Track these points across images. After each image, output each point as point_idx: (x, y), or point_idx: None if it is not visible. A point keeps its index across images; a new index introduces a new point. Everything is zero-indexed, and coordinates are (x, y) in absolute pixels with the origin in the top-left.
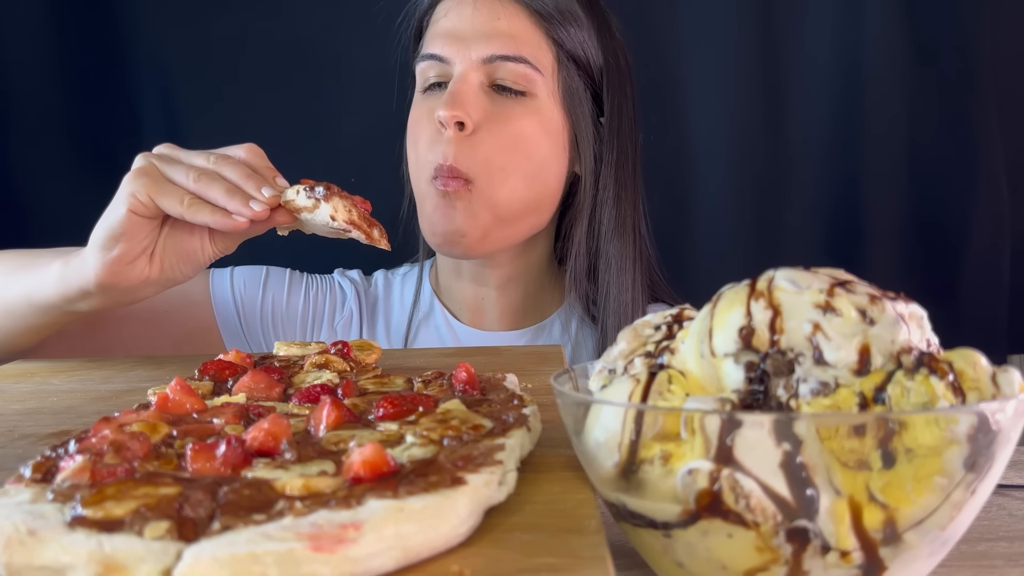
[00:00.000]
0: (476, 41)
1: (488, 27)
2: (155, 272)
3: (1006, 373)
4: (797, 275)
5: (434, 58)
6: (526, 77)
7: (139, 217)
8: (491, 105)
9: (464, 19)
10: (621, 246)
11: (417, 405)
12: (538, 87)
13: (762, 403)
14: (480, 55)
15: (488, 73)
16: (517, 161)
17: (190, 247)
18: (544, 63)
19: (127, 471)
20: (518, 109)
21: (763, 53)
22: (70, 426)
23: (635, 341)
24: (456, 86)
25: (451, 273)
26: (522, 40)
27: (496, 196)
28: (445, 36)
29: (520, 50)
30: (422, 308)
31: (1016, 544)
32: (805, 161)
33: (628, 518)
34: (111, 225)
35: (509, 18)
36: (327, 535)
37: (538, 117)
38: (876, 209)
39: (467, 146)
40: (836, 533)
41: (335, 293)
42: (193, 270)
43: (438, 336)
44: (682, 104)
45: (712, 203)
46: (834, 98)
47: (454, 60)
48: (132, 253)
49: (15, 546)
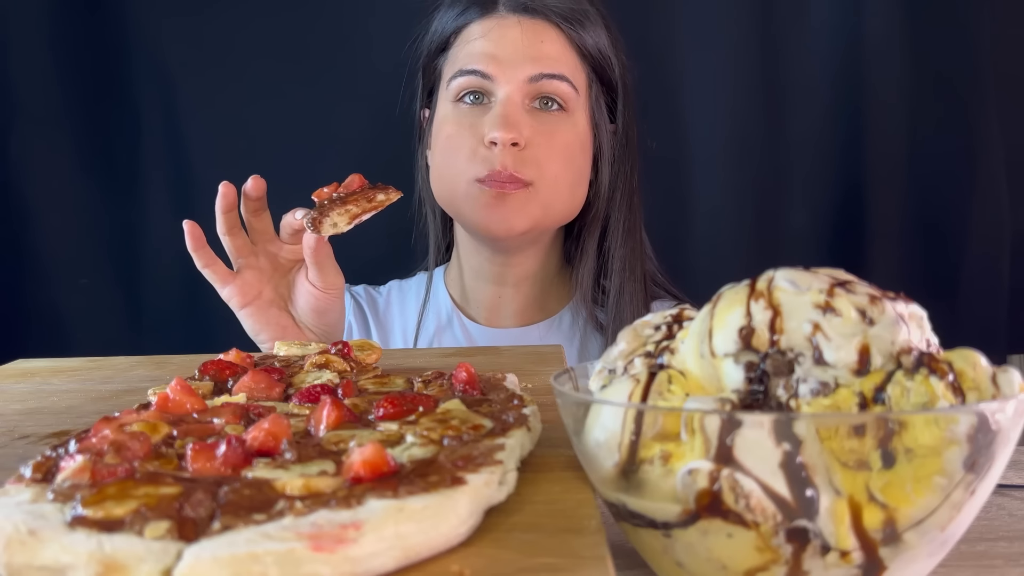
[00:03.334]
0: (523, 62)
1: (534, 49)
2: (310, 335)
3: (1006, 373)
4: (797, 275)
5: (477, 74)
6: (565, 94)
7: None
8: (535, 121)
9: (509, 41)
10: (629, 250)
11: (417, 405)
12: (574, 103)
13: (762, 403)
14: (527, 75)
15: (531, 92)
16: (564, 170)
17: (306, 302)
18: (579, 81)
19: (127, 471)
20: (560, 124)
21: (763, 53)
22: (70, 426)
23: (635, 341)
24: (506, 108)
25: (472, 276)
26: (562, 60)
27: (549, 198)
28: (488, 56)
29: (562, 69)
30: (442, 316)
31: (1016, 544)
32: (805, 161)
33: (628, 518)
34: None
35: (551, 41)
36: (327, 535)
37: (574, 131)
38: (876, 209)
39: (521, 157)
40: (836, 533)
41: None
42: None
43: (452, 334)
44: (682, 104)
45: (712, 203)
46: (834, 98)
47: (499, 79)
48: (276, 332)
49: (15, 546)
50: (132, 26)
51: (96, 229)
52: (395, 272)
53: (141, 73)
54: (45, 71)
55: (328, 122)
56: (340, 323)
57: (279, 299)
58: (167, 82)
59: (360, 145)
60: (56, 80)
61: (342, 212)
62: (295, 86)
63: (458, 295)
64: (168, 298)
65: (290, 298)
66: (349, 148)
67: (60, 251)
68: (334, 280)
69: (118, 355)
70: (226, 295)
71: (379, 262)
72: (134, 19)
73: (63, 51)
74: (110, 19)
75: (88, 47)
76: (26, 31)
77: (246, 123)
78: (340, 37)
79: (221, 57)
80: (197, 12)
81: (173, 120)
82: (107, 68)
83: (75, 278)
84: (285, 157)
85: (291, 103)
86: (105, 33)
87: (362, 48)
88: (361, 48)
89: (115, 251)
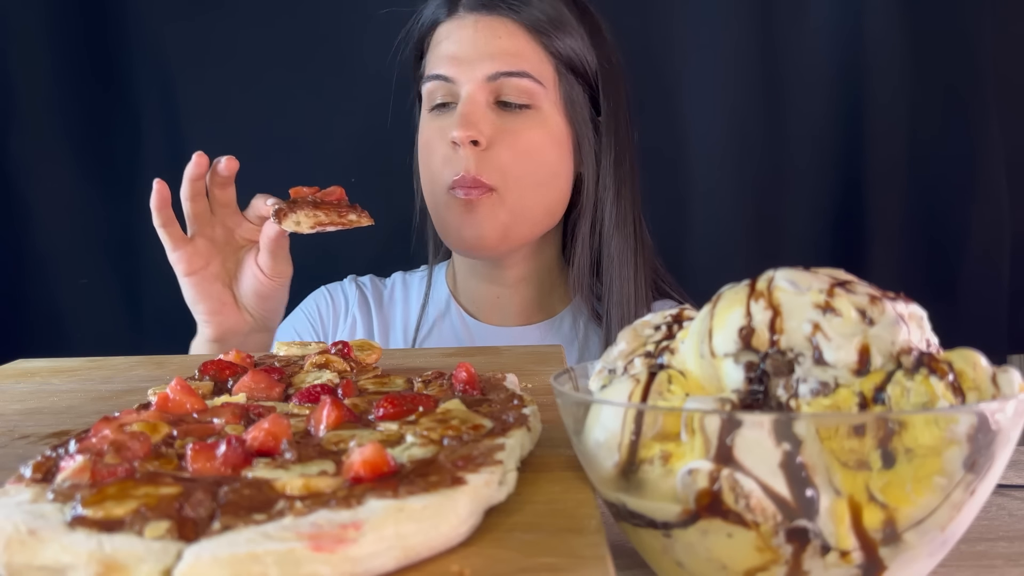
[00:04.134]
0: (480, 61)
1: (490, 46)
2: (247, 317)
3: (1006, 373)
4: (797, 275)
5: (440, 79)
6: (529, 91)
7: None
8: (500, 120)
9: (466, 40)
10: (622, 241)
11: (417, 405)
12: (541, 99)
13: (762, 403)
14: (484, 73)
15: (493, 90)
16: (531, 170)
17: (251, 285)
18: (545, 75)
19: (127, 471)
20: (525, 122)
21: (763, 52)
22: (70, 426)
23: (635, 341)
24: (465, 107)
25: (467, 274)
26: (523, 56)
27: (516, 202)
28: (449, 57)
29: (522, 65)
30: (438, 307)
31: (1016, 544)
32: (805, 161)
33: (628, 518)
34: (184, 293)
35: (509, 36)
36: (327, 535)
37: (544, 128)
38: (876, 209)
39: (484, 159)
40: (836, 533)
41: (337, 303)
42: (273, 304)
43: (454, 333)
44: (682, 104)
45: (712, 203)
46: (834, 98)
47: (460, 80)
48: (215, 306)
49: (15, 546)
50: (132, 26)
51: (96, 229)
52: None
53: (141, 73)
54: (45, 71)
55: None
56: (280, 311)
57: (224, 274)
58: (167, 82)
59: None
60: (56, 80)
61: (309, 214)
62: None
63: (458, 292)
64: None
65: (236, 276)
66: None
67: (60, 251)
68: (283, 269)
69: (118, 355)
70: (174, 259)
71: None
72: (134, 19)
73: (63, 51)
74: (110, 19)
75: (88, 47)
76: (26, 31)
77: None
78: (340, 39)
79: (221, 58)
80: (197, 13)
81: (173, 120)
82: (107, 68)
83: (75, 278)
84: (284, 157)
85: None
86: (105, 33)
87: (362, 50)
88: (361, 50)
89: (115, 251)
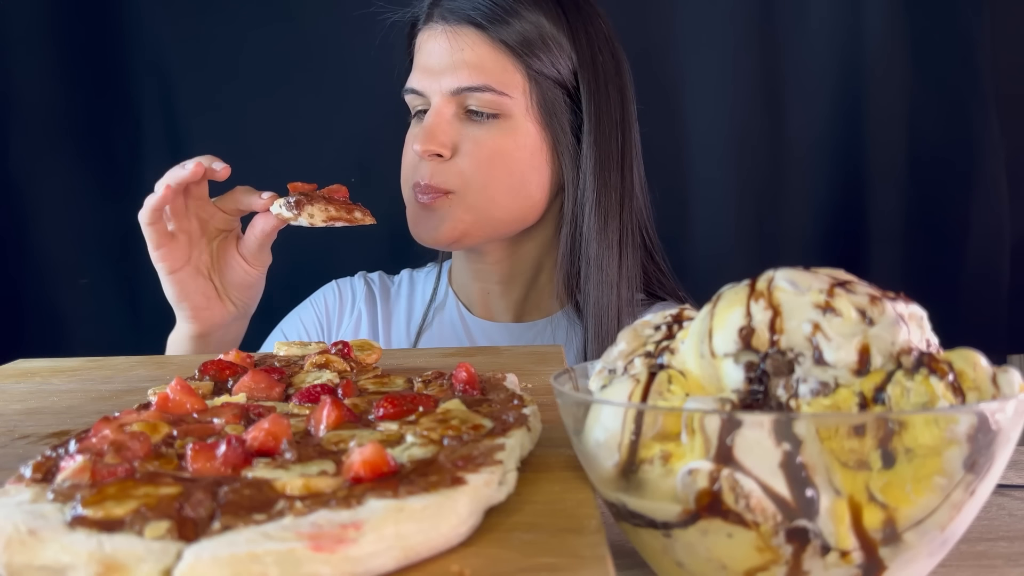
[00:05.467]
0: (445, 74)
1: (454, 59)
2: (231, 307)
3: (1006, 373)
4: (797, 275)
5: (412, 92)
6: (494, 103)
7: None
8: (465, 129)
9: (435, 53)
10: (602, 250)
11: (417, 405)
12: (511, 108)
13: (762, 403)
14: (448, 87)
15: (460, 102)
16: (497, 177)
17: (237, 276)
18: (513, 85)
19: (127, 471)
20: (492, 131)
21: (762, 53)
22: (70, 426)
23: (635, 341)
24: (430, 120)
25: (462, 271)
26: (486, 69)
27: (477, 204)
28: (422, 70)
29: (486, 79)
30: (438, 300)
31: (1016, 544)
32: (805, 161)
33: (628, 518)
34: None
35: (472, 48)
36: (327, 535)
37: (513, 136)
38: (876, 209)
39: (446, 169)
40: (836, 533)
41: (344, 298)
42: (255, 292)
43: (451, 326)
44: (681, 104)
45: (712, 203)
46: (834, 98)
47: (428, 93)
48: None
49: (15, 546)
50: (132, 26)
51: (96, 229)
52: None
53: (141, 73)
54: (45, 71)
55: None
56: (258, 297)
57: (203, 267)
58: (167, 82)
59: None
60: (56, 80)
61: (323, 208)
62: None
63: (456, 287)
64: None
65: (216, 268)
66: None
67: (60, 251)
68: (267, 258)
69: (118, 355)
70: (159, 256)
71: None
72: (134, 20)
73: (63, 51)
74: (110, 19)
75: (88, 47)
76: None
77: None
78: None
79: (221, 57)
80: (197, 13)
81: (173, 120)
82: (107, 68)
83: (75, 278)
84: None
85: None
86: (105, 33)
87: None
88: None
89: (115, 251)
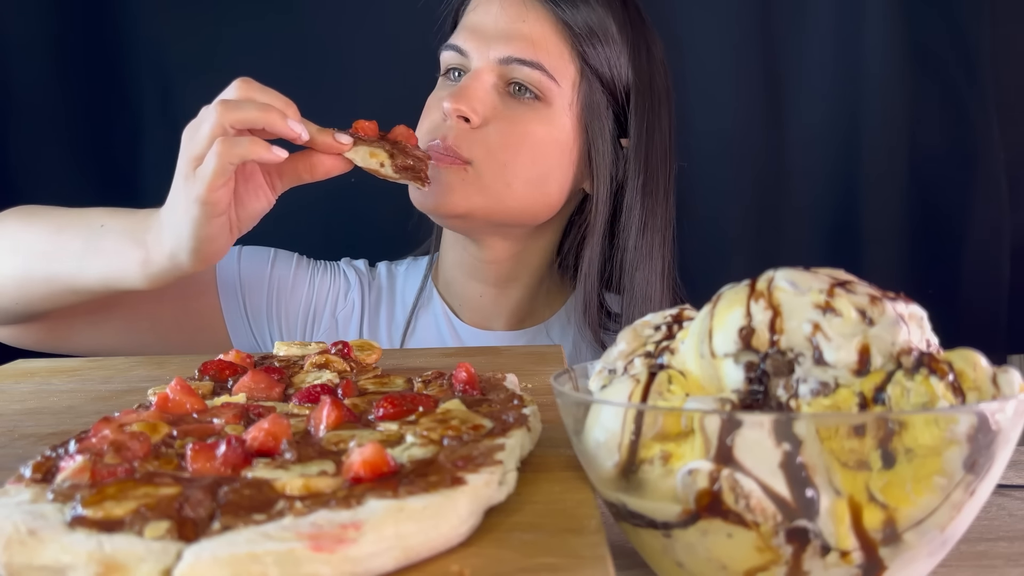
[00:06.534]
0: (497, 40)
1: (511, 28)
2: (232, 242)
3: (1006, 373)
4: (797, 275)
5: (455, 49)
6: (541, 84)
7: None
8: (502, 105)
9: (490, 16)
10: (647, 276)
11: (417, 405)
12: (554, 96)
13: (762, 403)
14: (498, 55)
15: (504, 74)
16: (520, 163)
17: (260, 207)
18: (563, 74)
19: (127, 471)
20: (530, 114)
21: (763, 53)
22: (70, 426)
23: (635, 341)
24: (468, 81)
25: (453, 267)
26: (543, 47)
27: (493, 186)
28: (470, 30)
29: (539, 56)
30: (421, 302)
31: (1016, 544)
32: (805, 161)
33: (628, 518)
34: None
35: (534, 22)
36: (327, 535)
37: (549, 126)
38: (876, 209)
39: (471, 136)
40: (836, 533)
41: (338, 283)
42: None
43: (437, 329)
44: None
45: (712, 203)
46: (834, 98)
47: (472, 55)
48: (217, 239)
49: (15, 546)
50: (132, 26)
51: None
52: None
53: (141, 73)
54: (45, 72)
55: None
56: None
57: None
58: (167, 82)
59: None
60: (56, 80)
61: (377, 152)
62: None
63: (442, 288)
64: None
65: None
66: None
67: None
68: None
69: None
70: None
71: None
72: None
73: (63, 51)
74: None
75: (88, 47)
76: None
77: None
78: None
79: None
80: (197, 12)
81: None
82: (107, 68)
83: None
84: None
85: None
86: (105, 33)
87: (366, 46)
88: (365, 46)
89: None
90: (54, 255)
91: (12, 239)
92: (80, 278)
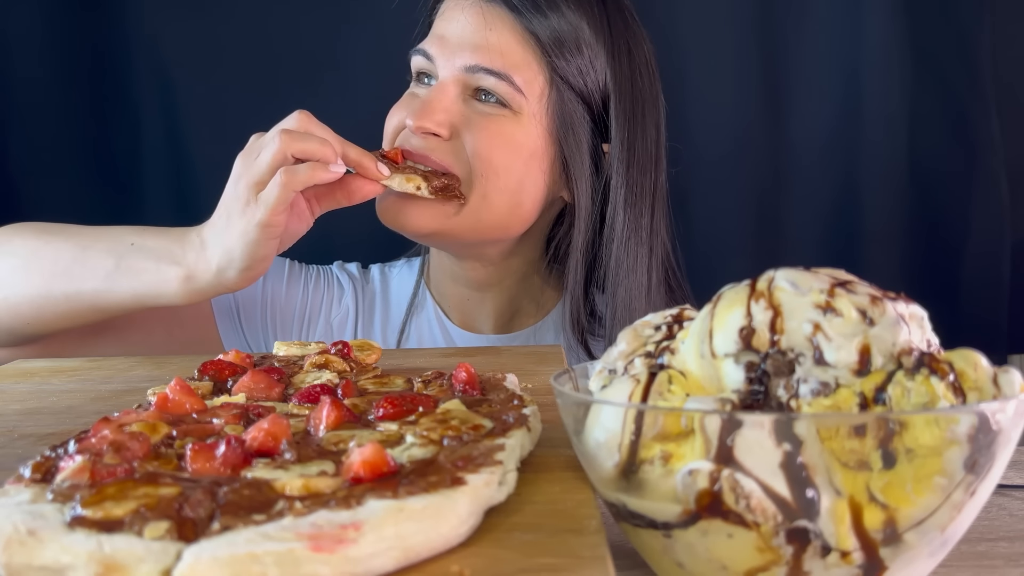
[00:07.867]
0: (463, 51)
1: (477, 37)
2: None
3: (1006, 374)
4: (797, 275)
5: (422, 54)
6: (507, 94)
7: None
8: (469, 111)
9: (457, 23)
10: (629, 291)
11: (417, 405)
12: (521, 105)
13: (762, 403)
14: (463, 63)
15: (469, 82)
16: (494, 168)
17: (302, 228)
18: (531, 85)
19: (127, 471)
20: (498, 118)
21: (763, 53)
22: (70, 426)
23: (635, 341)
24: (432, 94)
25: (438, 270)
26: (509, 58)
27: (471, 201)
28: (439, 38)
29: (504, 67)
30: (415, 304)
31: (1016, 544)
32: (805, 161)
33: (628, 518)
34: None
35: (501, 31)
36: (327, 535)
37: (515, 136)
38: (876, 209)
39: (447, 146)
40: (836, 533)
41: (332, 288)
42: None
43: (430, 332)
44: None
45: (712, 203)
46: (834, 98)
47: (439, 62)
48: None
49: (15, 546)
50: (132, 26)
51: None
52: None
53: (141, 73)
54: (45, 71)
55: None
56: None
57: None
58: (167, 82)
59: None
60: (56, 80)
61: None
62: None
63: (433, 289)
64: None
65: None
66: None
67: None
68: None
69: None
70: (276, 221)
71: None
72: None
73: (63, 51)
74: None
75: (88, 47)
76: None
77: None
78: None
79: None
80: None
81: (173, 120)
82: (107, 68)
83: None
84: None
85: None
86: (105, 33)
87: (363, 47)
88: (362, 47)
89: None
90: (79, 274)
91: (26, 258)
92: (108, 296)
